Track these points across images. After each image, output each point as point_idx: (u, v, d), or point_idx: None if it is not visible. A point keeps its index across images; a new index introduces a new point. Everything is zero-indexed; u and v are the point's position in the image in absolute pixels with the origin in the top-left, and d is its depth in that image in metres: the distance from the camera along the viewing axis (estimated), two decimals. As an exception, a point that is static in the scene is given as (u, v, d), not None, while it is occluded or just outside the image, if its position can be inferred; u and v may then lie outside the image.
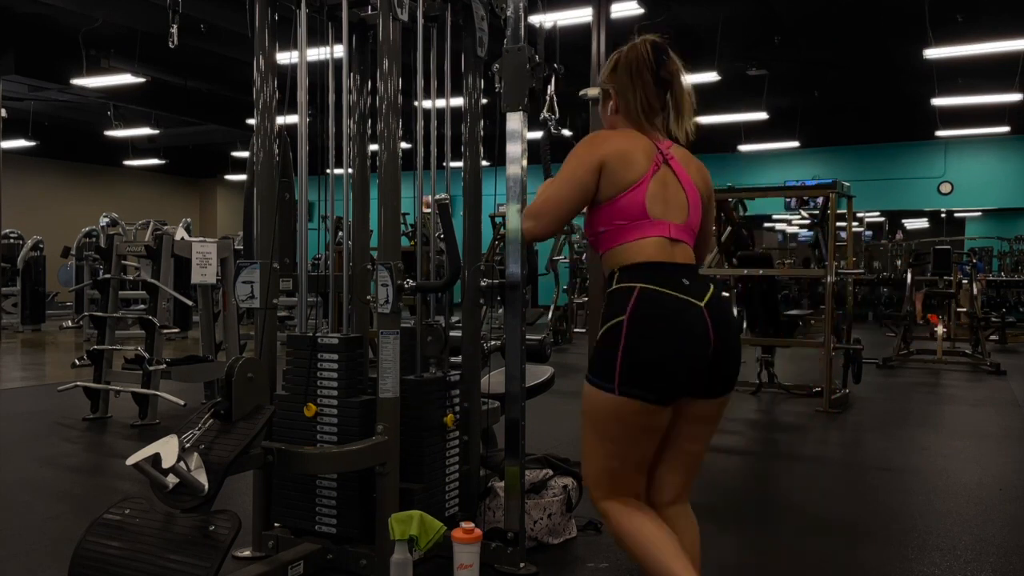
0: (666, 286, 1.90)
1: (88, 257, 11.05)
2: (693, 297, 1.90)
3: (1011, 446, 5.03)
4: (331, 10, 2.86)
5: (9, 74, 11.31)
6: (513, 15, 2.67)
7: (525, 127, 2.66)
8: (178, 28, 2.91)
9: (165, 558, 2.11)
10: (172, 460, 2.15)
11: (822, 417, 5.82)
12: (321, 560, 2.67)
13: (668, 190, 2.01)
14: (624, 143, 2.03)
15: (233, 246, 5.81)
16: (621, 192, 1.98)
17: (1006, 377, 8.00)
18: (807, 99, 13.71)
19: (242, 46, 7.82)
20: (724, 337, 1.90)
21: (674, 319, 1.88)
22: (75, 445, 4.81)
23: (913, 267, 10.62)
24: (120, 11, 9.83)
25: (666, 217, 1.98)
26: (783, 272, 10.17)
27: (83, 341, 10.24)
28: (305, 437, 2.64)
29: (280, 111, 2.75)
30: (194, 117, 14.63)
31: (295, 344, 2.70)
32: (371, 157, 2.88)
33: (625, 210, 1.98)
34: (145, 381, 5.25)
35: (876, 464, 4.51)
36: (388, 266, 2.52)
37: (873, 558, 3.00)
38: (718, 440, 5.11)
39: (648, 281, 1.91)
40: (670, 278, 1.92)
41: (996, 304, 13.04)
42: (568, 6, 8.71)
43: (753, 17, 10.31)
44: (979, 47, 9.36)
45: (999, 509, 3.63)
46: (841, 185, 6.28)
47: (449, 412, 2.81)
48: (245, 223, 2.81)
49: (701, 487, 4.01)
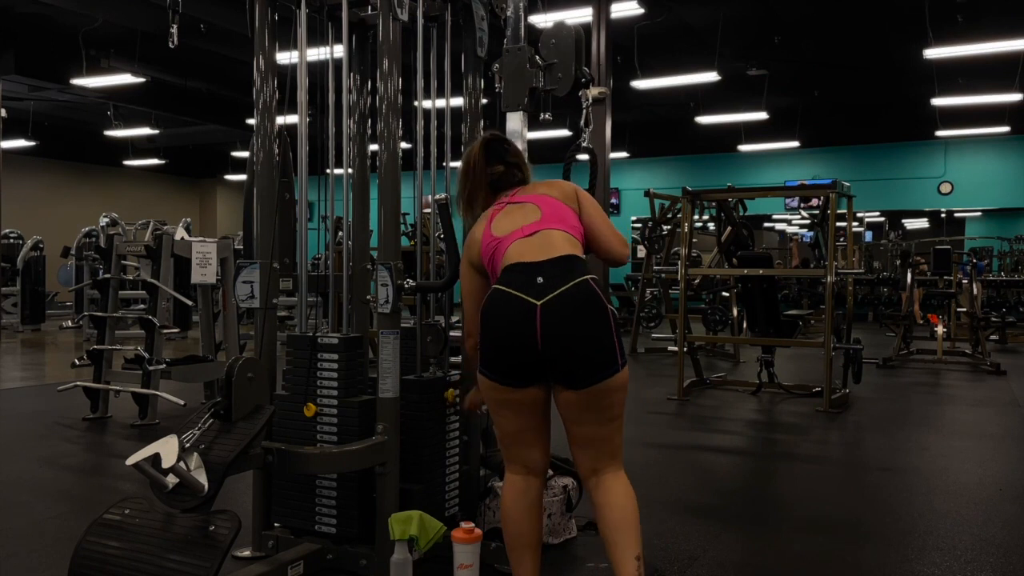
0: (511, 285, 2.15)
1: (88, 257, 11.05)
2: (532, 296, 2.11)
3: (1011, 446, 5.03)
4: (331, 10, 2.86)
5: (9, 74, 11.31)
6: (513, 15, 2.67)
7: (525, 127, 2.66)
8: (178, 28, 2.91)
9: (165, 558, 2.11)
10: (172, 460, 2.15)
11: (822, 417, 5.82)
12: (321, 560, 2.67)
13: (510, 214, 2.31)
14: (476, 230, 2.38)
15: (233, 246, 5.81)
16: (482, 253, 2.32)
17: (1006, 377, 8.00)
18: (807, 99, 13.71)
19: (242, 46, 7.83)
20: (555, 335, 2.08)
21: (504, 315, 2.14)
22: (75, 445, 4.81)
23: (911, 267, 10.62)
24: (120, 11, 9.83)
25: (512, 228, 2.27)
26: (782, 272, 10.18)
27: (83, 341, 10.24)
28: (305, 437, 2.65)
29: (280, 111, 2.75)
30: (194, 117, 14.63)
31: (295, 344, 2.70)
32: (371, 157, 2.88)
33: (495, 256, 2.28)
34: (145, 381, 5.25)
35: (876, 464, 4.51)
36: (388, 266, 2.52)
37: (873, 558, 3.00)
38: (718, 440, 5.12)
39: (502, 283, 2.18)
40: (521, 277, 2.15)
41: (996, 304, 13.03)
42: (568, 6, 8.72)
43: (753, 17, 10.31)
44: (979, 47, 9.36)
45: (999, 509, 3.63)
46: (841, 185, 6.28)
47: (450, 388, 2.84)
48: (245, 223, 2.81)
49: (701, 487, 4.03)
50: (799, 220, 17.85)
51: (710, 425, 5.57)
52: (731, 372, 8.10)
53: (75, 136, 17.38)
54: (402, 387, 2.58)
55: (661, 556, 2.94)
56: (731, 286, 9.35)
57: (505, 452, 2.33)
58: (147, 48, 10.99)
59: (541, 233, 2.22)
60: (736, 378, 7.51)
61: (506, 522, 2.29)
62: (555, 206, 2.30)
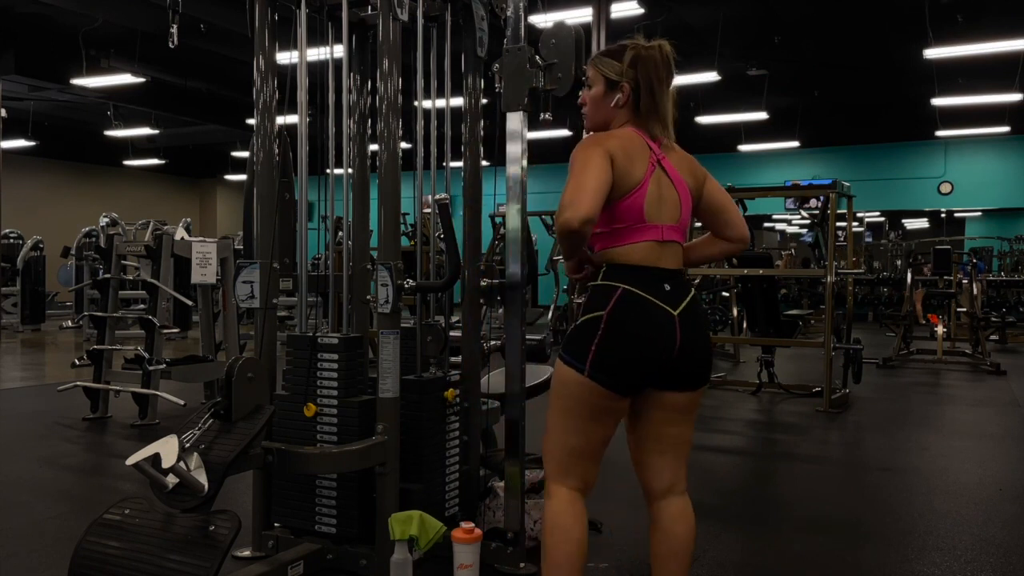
0: (647, 291, 2.00)
1: (88, 257, 11.04)
2: (668, 305, 2.00)
3: (1011, 446, 5.03)
4: (331, 10, 2.86)
5: (9, 74, 11.30)
6: (513, 15, 2.67)
7: (525, 127, 2.66)
8: (178, 28, 2.91)
9: (165, 558, 2.11)
10: (172, 460, 2.15)
11: (822, 417, 5.82)
12: (321, 560, 2.67)
13: (663, 191, 2.06)
14: (625, 143, 2.04)
15: (233, 246, 5.81)
16: (623, 195, 2.01)
17: (1006, 377, 8.00)
18: (807, 99, 13.70)
19: (242, 46, 7.82)
20: (690, 340, 2.01)
21: (646, 324, 1.99)
22: (75, 445, 4.81)
23: (911, 267, 10.62)
24: (120, 11, 9.82)
25: (660, 219, 2.05)
26: (781, 272, 10.17)
27: (83, 341, 10.23)
28: (305, 437, 2.65)
29: (280, 111, 2.75)
30: (194, 117, 14.62)
31: (295, 344, 2.70)
32: (371, 157, 2.88)
33: (625, 214, 2.03)
34: (145, 381, 5.25)
35: (876, 464, 4.51)
36: (388, 266, 2.52)
37: (873, 558, 3.00)
38: (718, 440, 5.12)
39: (632, 284, 2.00)
40: (652, 283, 2.01)
41: (996, 304, 13.03)
42: (568, 6, 8.71)
43: (753, 17, 10.31)
44: (979, 47, 9.35)
45: (999, 509, 3.63)
46: (841, 185, 6.28)
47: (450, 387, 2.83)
48: (245, 223, 2.81)
49: (701, 487, 4.02)
50: (799, 220, 17.85)
51: (710, 425, 5.57)
52: (731, 372, 8.09)
53: (75, 136, 17.38)
54: (402, 387, 2.58)
55: (661, 556, 2.94)
56: (731, 286, 9.35)
57: (566, 466, 2.07)
58: (147, 48, 10.98)
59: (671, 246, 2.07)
60: (736, 378, 7.51)
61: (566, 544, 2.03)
62: (687, 206, 2.11)
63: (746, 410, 6.17)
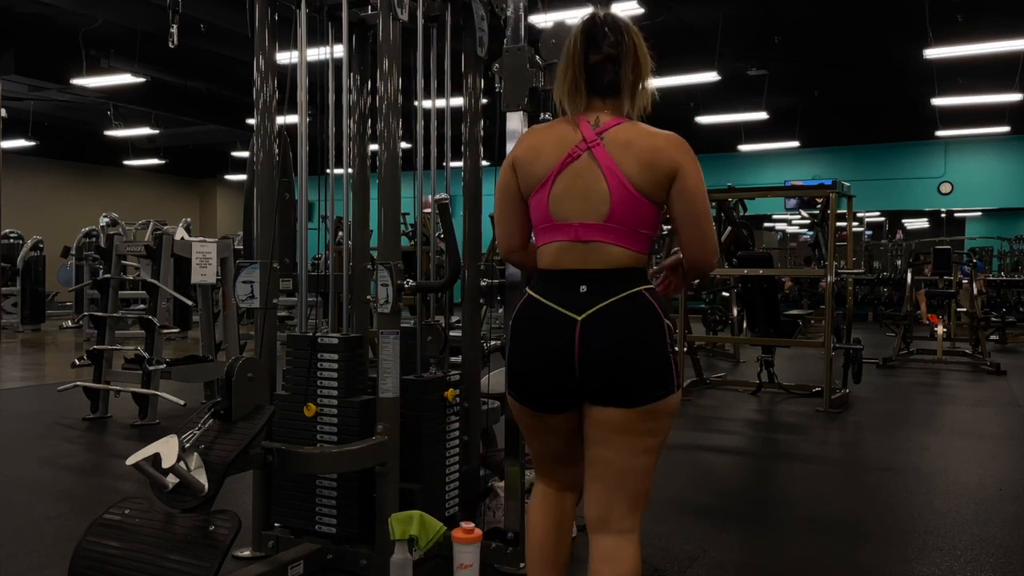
0: (549, 296, 1.81)
1: (88, 257, 11.05)
2: (572, 310, 1.77)
3: (1011, 446, 5.03)
4: (331, 10, 2.86)
5: (9, 74, 11.29)
6: (513, 15, 2.67)
7: (525, 127, 2.66)
8: (178, 28, 2.92)
9: (165, 558, 2.11)
10: (172, 460, 2.15)
11: (822, 417, 5.82)
12: (321, 560, 2.67)
13: (579, 184, 1.80)
14: (538, 139, 1.89)
15: (233, 246, 5.81)
16: (531, 193, 1.87)
17: (1006, 377, 8.00)
18: (807, 99, 13.69)
19: (242, 46, 7.82)
20: (593, 348, 1.75)
21: (539, 331, 1.81)
22: (75, 445, 4.81)
23: (913, 267, 10.62)
24: (120, 11, 9.82)
25: (571, 217, 1.80)
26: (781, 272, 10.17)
27: (83, 341, 10.24)
28: (305, 437, 2.65)
29: (280, 111, 2.75)
30: (194, 117, 14.61)
31: (295, 344, 2.70)
32: (371, 157, 2.88)
33: (535, 213, 1.87)
34: (145, 381, 5.25)
35: (876, 464, 4.51)
36: (388, 266, 2.52)
37: (873, 558, 3.00)
38: (718, 440, 5.12)
39: (536, 289, 1.85)
40: (561, 287, 1.80)
41: (996, 304, 13.03)
42: (568, 6, 8.71)
43: (753, 17, 10.30)
44: (979, 47, 9.34)
45: (999, 509, 3.63)
46: (841, 185, 6.28)
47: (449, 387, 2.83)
48: (245, 223, 2.81)
49: (701, 487, 4.03)
50: (799, 220, 17.85)
51: (710, 425, 5.57)
52: (731, 372, 8.10)
53: (75, 136, 17.37)
54: (402, 387, 2.58)
55: (661, 556, 2.94)
56: (731, 286, 9.35)
57: (538, 467, 2.02)
58: (147, 48, 10.97)
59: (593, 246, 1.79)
60: (736, 378, 7.51)
61: (531, 536, 1.97)
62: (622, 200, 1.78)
63: (746, 410, 6.17)
